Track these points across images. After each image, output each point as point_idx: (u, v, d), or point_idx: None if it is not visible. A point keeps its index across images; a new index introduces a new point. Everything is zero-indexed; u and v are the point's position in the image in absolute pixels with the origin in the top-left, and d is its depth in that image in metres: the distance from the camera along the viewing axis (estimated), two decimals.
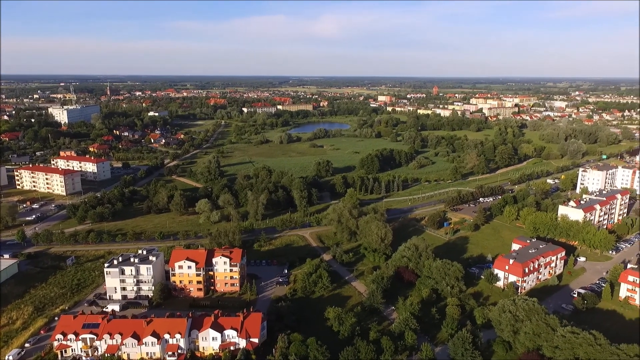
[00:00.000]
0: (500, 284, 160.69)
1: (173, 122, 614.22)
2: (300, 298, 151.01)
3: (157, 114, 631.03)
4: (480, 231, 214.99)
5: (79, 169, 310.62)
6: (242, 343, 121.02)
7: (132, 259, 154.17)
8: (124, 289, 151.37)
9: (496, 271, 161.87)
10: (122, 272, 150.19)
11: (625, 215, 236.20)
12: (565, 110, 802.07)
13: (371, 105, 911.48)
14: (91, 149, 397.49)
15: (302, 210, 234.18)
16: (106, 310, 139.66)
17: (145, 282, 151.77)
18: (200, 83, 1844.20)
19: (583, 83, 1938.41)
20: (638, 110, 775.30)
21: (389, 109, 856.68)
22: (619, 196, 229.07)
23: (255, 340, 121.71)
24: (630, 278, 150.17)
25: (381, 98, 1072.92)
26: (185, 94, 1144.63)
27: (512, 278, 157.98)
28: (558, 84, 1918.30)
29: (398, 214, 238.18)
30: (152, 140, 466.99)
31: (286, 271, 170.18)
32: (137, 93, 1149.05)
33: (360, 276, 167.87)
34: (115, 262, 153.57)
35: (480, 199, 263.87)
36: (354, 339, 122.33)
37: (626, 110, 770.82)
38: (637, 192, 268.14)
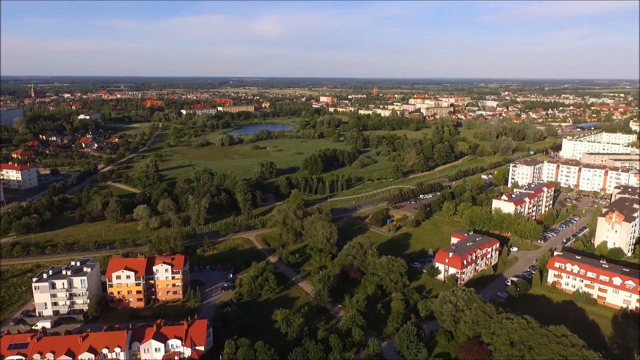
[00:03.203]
0: (441, 276, 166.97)
1: (106, 125, 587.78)
2: (246, 302, 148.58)
3: (88, 117, 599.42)
4: (421, 227, 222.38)
5: (1, 177, 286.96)
6: (187, 352, 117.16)
7: (64, 272, 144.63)
8: (55, 304, 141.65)
9: (437, 264, 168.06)
10: (53, 286, 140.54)
11: (551, 206, 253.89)
12: (496, 110, 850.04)
13: (313, 106, 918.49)
14: (14, 156, 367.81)
15: (246, 212, 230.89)
16: (35, 328, 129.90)
17: (79, 295, 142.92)
18: (135, 84, 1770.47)
19: (511, 84, 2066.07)
20: (560, 109, 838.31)
21: (331, 109, 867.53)
22: (545, 189, 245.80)
23: (201, 348, 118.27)
24: (557, 264, 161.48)
25: (323, 99, 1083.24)
26: (119, 95, 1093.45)
27: (452, 270, 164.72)
28: (489, 84, 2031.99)
29: (342, 213, 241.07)
30: (84, 145, 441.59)
31: (231, 275, 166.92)
32: (66, 95, 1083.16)
33: (307, 276, 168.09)
34: (44, 275, 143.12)
35: (421, 195, 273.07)
36: (303, 339, 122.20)
37: (550, 109, 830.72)
38: (609, 192, 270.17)
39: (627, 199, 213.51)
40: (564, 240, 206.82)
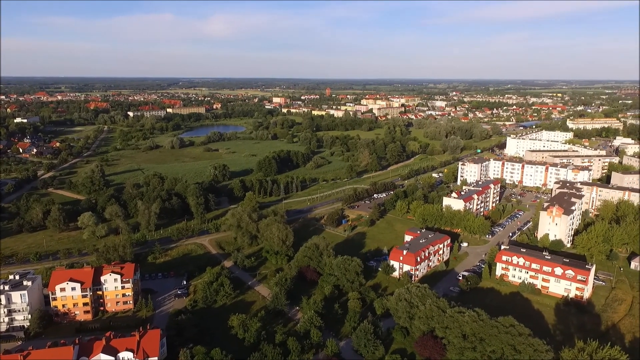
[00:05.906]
0: (396, 274, 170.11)
1: (46, 129, 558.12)
2: (201, 309, 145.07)
3: (25, 121, 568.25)
4: (376, 226, 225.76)
5: None
6: None
7: (1, 286, 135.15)
8: None
9: (392, 262, 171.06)
10: None
11: (497, 202, 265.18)
12: (445, 109, 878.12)
13: (266, 107, 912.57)
14: None
15: (199, 217, 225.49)
16: None
17: (19, 311, 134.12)
18: (78, 85, 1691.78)
19: (459, 84, 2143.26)
20: (504, 108, 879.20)
21: (284, 110, 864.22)
22: (492, 186, 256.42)
23: (155, 358, 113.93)
24: (504, 258, 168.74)
25: (276, 100, 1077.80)
26: (59, 97, 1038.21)
27: (406, 267, 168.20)
28: (438, 85, 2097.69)
29: (298, 215, 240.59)
30: (21, 150, 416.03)
31: (185, 282, 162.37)
32: (0, 97, 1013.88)
33: (264, 280, 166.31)
34: None
35: (375, 195, 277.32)
36: (260, 344, 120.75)
37: (494, 109, 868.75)
38: (549, 187, 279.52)
39: (565, 194, 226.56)
40: (510, 234, 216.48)
